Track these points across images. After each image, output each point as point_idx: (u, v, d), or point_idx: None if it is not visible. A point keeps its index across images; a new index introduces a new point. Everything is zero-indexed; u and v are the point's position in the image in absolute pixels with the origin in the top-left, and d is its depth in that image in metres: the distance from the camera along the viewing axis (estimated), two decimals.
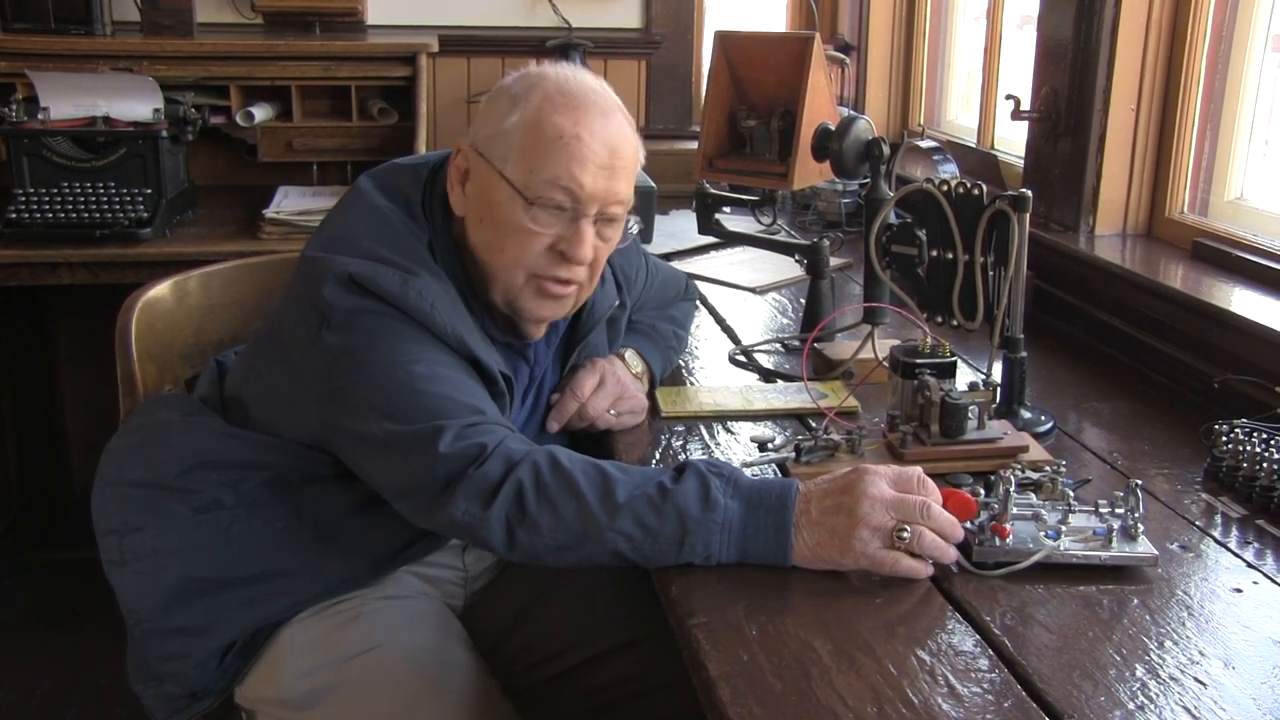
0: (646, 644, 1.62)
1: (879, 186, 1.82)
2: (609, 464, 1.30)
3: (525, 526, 1.26)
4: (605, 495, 1.25)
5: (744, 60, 2.04)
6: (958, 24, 3.10)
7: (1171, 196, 2.15)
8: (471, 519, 1.27)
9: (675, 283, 1.94)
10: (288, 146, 3.02)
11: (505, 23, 3.38)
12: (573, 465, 1.28)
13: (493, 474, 1.27)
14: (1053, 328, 2.12)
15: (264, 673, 1.49)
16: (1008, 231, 1.56)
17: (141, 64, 2.90)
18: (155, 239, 2.64)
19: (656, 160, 3.17)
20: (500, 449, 1.29)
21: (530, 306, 1.48)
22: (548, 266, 1.44)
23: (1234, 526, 1.38)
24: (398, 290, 1.37)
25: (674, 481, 1.25)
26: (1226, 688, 1.05)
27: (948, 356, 1.51)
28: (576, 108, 1.42)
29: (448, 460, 1.29)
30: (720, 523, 1.22)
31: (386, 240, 1.43)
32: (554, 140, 1.40)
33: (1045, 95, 2.26)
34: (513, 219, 1.42)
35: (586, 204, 1.42)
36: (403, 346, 1.36)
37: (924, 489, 1.25)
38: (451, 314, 1.40)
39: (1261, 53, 2.00)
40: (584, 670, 1.65)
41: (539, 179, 1.40)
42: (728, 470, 1.28)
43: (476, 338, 1.43)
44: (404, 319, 1.37)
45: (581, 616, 1.66)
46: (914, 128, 3.22)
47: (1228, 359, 1.74)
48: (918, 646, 1.11)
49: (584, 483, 1.26)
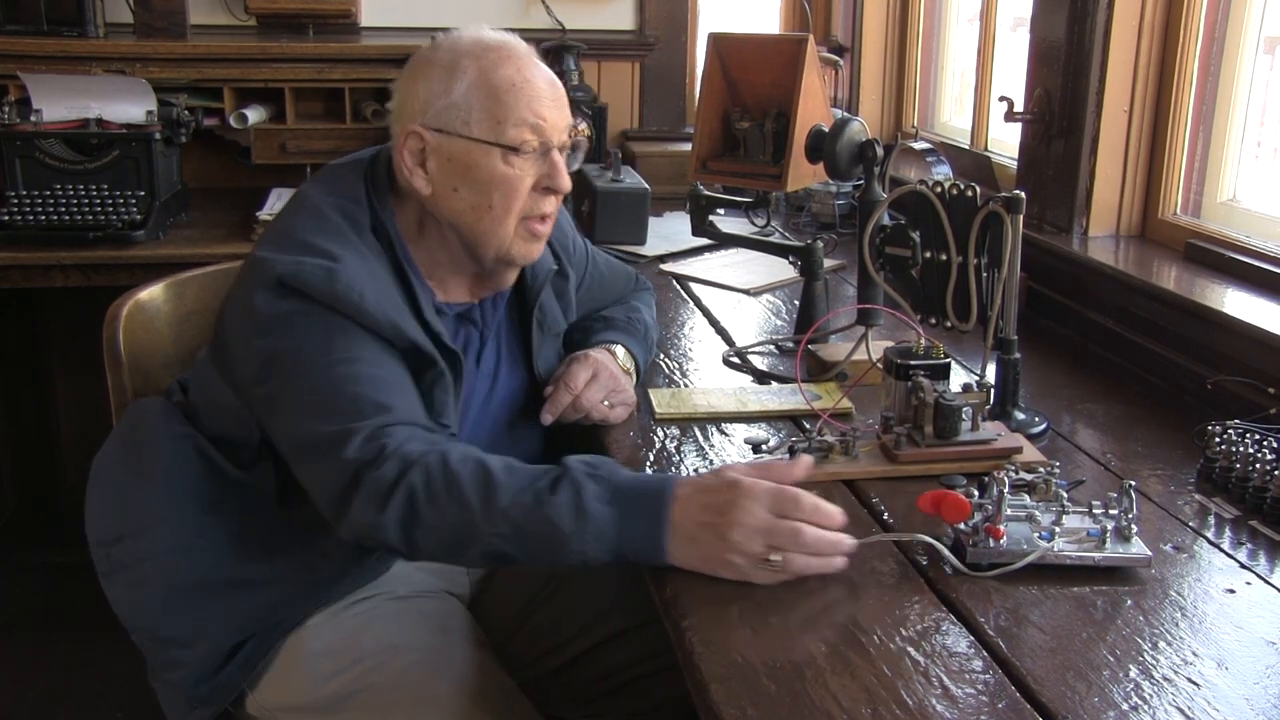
0: (657, 625, 1.62)
1: (872, 188, 1.82)
2: (500, 465, 1.30)
3: (420, 528, 1.28)
4: (487, 500, 1.26)
5: (738, 62, 2.04)
6: (951, 26, 3.11)
7: (1164, 198, 2.15)
8: (370, 522, 1.29)
9: (623, 270, 1.98)
10: (281, 149, 3.01)
11: (499, 24, 3.36)
12: (461, 467, 1.29)
13: (387, 477, 1.28)
14: (1046, 329, 2.12)
15: (279, 679, 1.50)
16: (1001, 233, 1.56)
17: (134, 66, 2.89)
18: (148, 241, 2.64)
19: (650, 162, 3.21)
20: (398, 451, 1.30)
21: (521, 251, 1.54)
22: (535, 206, 1.52)
23: (1227, 527, 1.38)
24: (324, 285, 1.39)
25: (550, 490, 1.26)
26: (1220, 688, 1.06)
27: (941, 358, 1.51)
28: (509, 57, 1.51)
29: (351, 464, 1.30)
30: (593, 532, 1.23)
31: (320, 229, 1.45)
32: (508, 90, 1.48)
33: (1038, 97, 2.26)
34: (496, 172, 1.48)
35: (553, 135, 1.51)
36: (328, 346, 1.38)
37: (799, 510, 1.22)
38: (383, 300, 1.42)
39: (1253, 54, 2.01)
40: (595, 654, 1.67)
41: (509, 127, 1.47)
42: (605, 470, 1.29)
43: (410, 320, 1.45)
44: (332, 314, 1.39)
45: (592, 601, 1.68)
46: (907, 129, 3.22)
47: (1221, 360, 1.74)
48: (912, 647, 1.11)
49: (468, 486, 1.27)
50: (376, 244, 1.49)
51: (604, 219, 2.62)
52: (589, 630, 1.69)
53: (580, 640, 1.68)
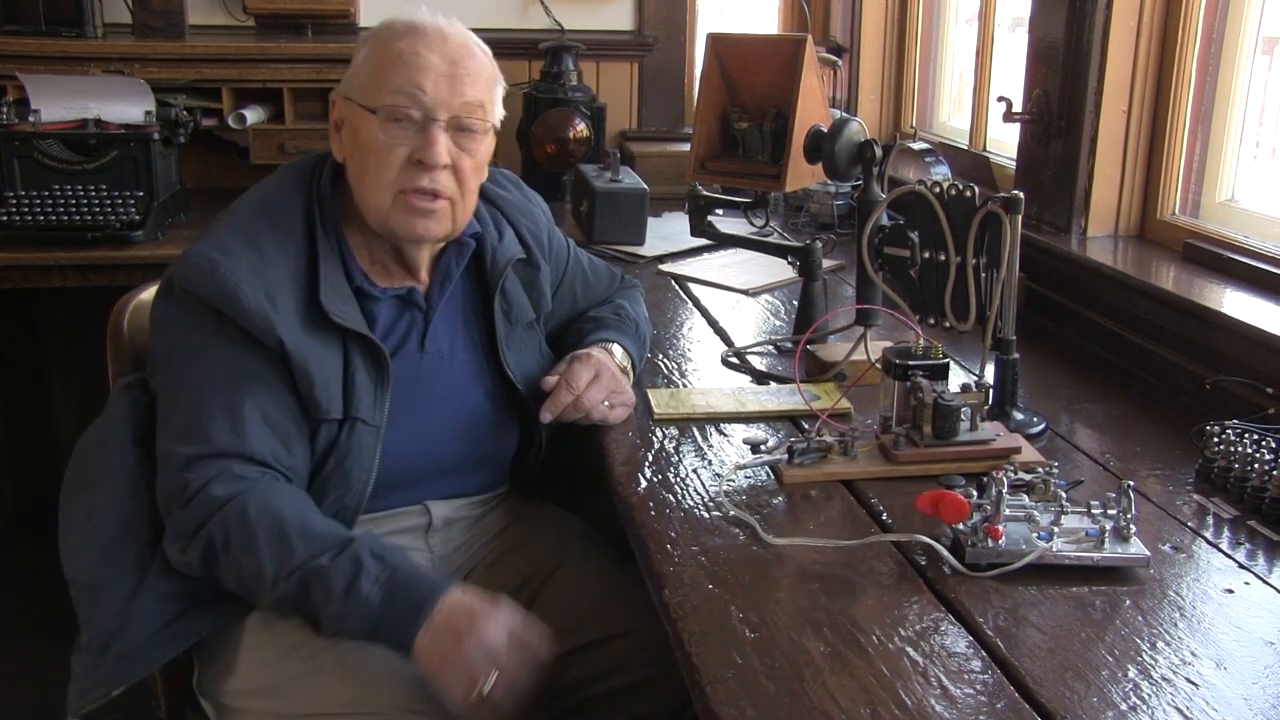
0: (636, 634, 1.61)
1: (871, 188, 1.83)
2: (296, 524, 1.38)
3: (220, 571, 1.41)
4: (276, 558, 1.37)
5: (736, 62, 2.04)
6: (949, 26, 3.11)
7: (1163, 198, 2.16)
8: (177, 559, 1.43)
9: (608, 270, 1.97)
10: (280, 149, 3.01)
11: (498, 25, 3.37)
12: (259, 524, 1.38)
13: (190, 522, 1.40)
14: (1045, 329, 2.12)
15: (228, 663, 1.50)
16: (1000, 233, 1.56)
17: (133, 66, 2.89)
18: (147, 242, 2.64)
19: (649, 162, 3.21)
20: (201, 495, 1.40)
21: (401, 223, 1.54)
22: (410, 179, 1.52)
23: (1225, 527, 1.38)
24: (203, 278, 1.46)
25: (332, 560, 1.36)
26: (1218, 688, 1.06)
27: (940, 358, 1.51)
28: (414, 32, 1.53)
29: (164, 494, 1.44)
30: (355, 612, 1.34)
31: (230, 226, 1.53)
32: (394, 59, 1.51)
33: (1037, 97, 2.27)
34: (371, 138, 1.51)
35: (433, 109, 1.51)
36: (194, 354, 1.47)
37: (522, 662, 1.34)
38: (262, 292, 1.46)
39: (1252, 55, 2.01)
40: (574, 659, 1.61)
41: (386, 94, 1.51)
42: (394, 560, 1.38)
43: (295, 310, 1.48)
44: (210, 311, 1.46)
45: (577, 606, 1.65)
46: (906, 130, 3.22)
47: (1219, 360, 1.74)
48: (910, 648, 1.11)
49: (262, 544, 1.37)
50: (300, 232, 1.54)
51: (603, 219, 2.63)
52: (564, 636, 1.60)
53: (589, 623, 1.64)
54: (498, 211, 1.73)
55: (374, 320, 1.58)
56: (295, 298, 1.49)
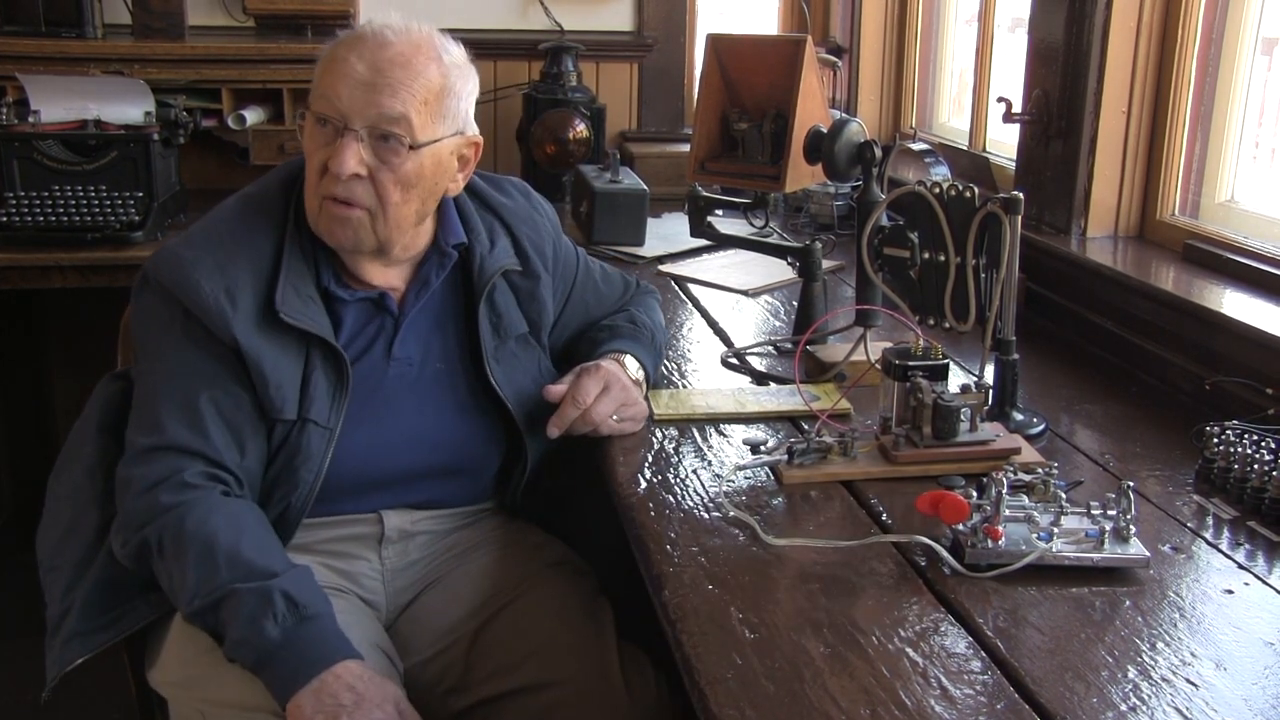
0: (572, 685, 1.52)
1: (871, 189, 1.83)
2: (226, 547, 1.39)
3: (153, 571, 1.44)
4: (200, 578, 1.38)
5: (736, 63, 2.04)
6: (949, 26, 3.11)
7: (1163, 199, 2.16)
8: (120, 550, 1.46)
9: (621, 278, 1.94)
10: (280, 150, 3.00)
11: (498, 25, 3.38)
12: (192, 539, 1.39)
13: (135, 516, 1.43)
14: (1044, 330, 2.12)
15: (159, 654, 1.53)
16: (999, 234, 1.56)
17: (133, 67, 2.89)
18: (147, 242, 2.64)
19: (649, 163, 3.21)
20: (149, 496, 1.42)
21: (323, 230, 1.54)
22: (327, 186, 1.51)
23: (1225, 528, 1.38)
24: (169, 271, 1.50)
25: (248, 589, 1.36)
26: (1218, 689, 1.06)
27: (940, 359, 1.51)
28: (359, 40, 1.52)
29: (119, 479, 1.47)
30: (250, 643, 1.34)
31: (206, 225, 1.55)
32: (329, 64, 1.52)
33: (1036, 98, 2.27)
34: (305, 143, 1.54)
35: (346, 117, 1.48)
36: (160, 344, 1.51)
37: None
38: (220, 287, 1.48)
39: (1251, 55, 2.01)
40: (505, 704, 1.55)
41: (314, 99, 1.52)
42: (312, 610, 1.36)
43: (255, 308, 1.49)
44: (176, 305, 1.49)
45: (521, 645, 1.56)
46: (906, 130, 3.22)
47: (1219, 360, 1.74)
48: (910, 648, 1.11)
49: (190, 559, 1.39)
50: (276, 232, 1.55)
51: (602, 220, 2.63)
52: (501, 677, 1.55)
53: (531, 664, 1.54)
54: (495, 219, 1.69)
55: (340, 323, 1.56)
56: (256, 297, 1.50)
